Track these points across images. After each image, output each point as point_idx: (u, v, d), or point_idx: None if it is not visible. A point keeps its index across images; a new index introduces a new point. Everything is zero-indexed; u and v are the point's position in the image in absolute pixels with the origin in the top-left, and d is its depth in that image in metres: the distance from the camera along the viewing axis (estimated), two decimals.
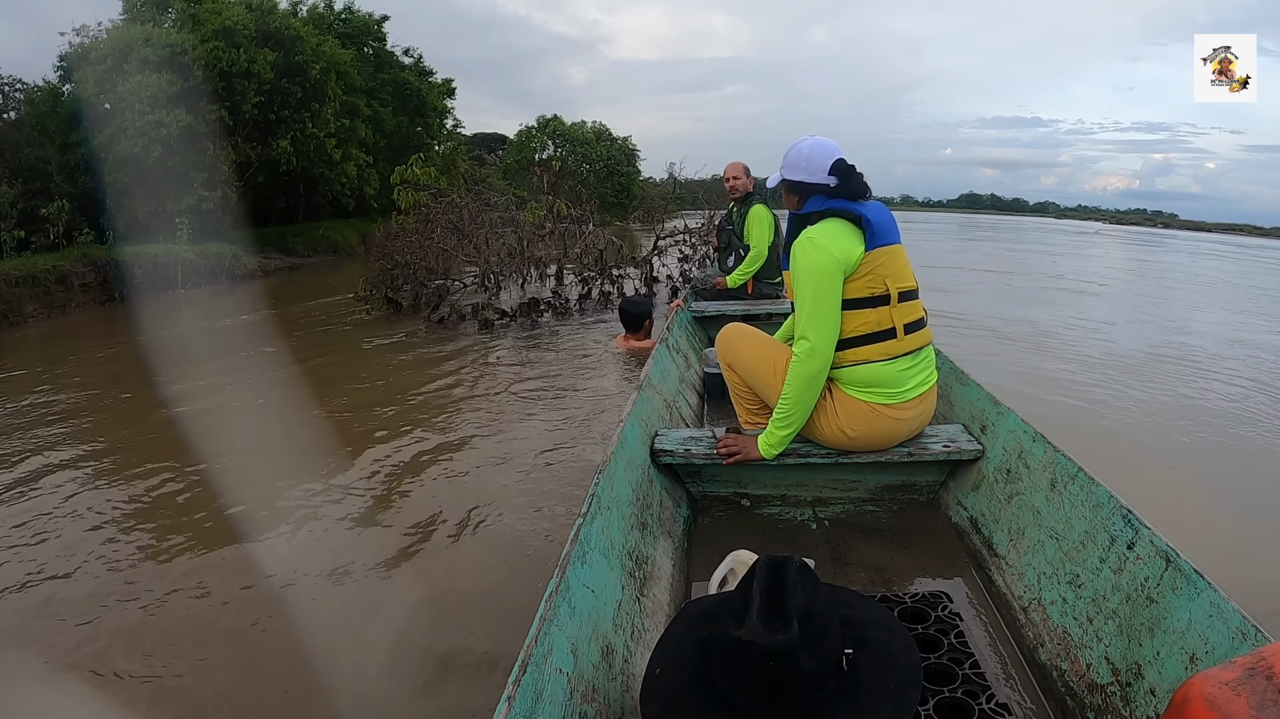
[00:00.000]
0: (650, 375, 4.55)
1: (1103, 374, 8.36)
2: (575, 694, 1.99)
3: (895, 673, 1.76)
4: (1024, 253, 32.04)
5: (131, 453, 5.85)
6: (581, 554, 2.42)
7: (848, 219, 3.39)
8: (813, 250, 3.34)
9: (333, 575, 3.93)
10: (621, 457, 3.28)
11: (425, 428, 6.23)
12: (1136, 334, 11.49)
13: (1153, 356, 9.57)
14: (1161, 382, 8.14)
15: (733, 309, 7.56)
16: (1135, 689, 2.12)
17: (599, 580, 2.48)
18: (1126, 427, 6.44)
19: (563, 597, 2.16)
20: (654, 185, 42.39)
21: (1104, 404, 7.10)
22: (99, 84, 19.71)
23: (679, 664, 1.87)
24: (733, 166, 8.24)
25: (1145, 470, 5.48)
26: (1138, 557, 2.34)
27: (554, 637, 2.00)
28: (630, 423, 3.62)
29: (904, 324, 3.42)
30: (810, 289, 3.34)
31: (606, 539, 2.70)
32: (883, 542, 3.44)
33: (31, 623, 3.63)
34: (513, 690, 1.72)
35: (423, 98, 34.96)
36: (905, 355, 3.45)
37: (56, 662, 3.32)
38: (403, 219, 12.59)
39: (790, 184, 3.66)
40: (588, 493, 2.75)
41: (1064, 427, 4.54)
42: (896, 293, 3.39)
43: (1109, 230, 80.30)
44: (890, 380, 3.43)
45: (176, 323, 13.03)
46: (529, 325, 10.61)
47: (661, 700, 1.82)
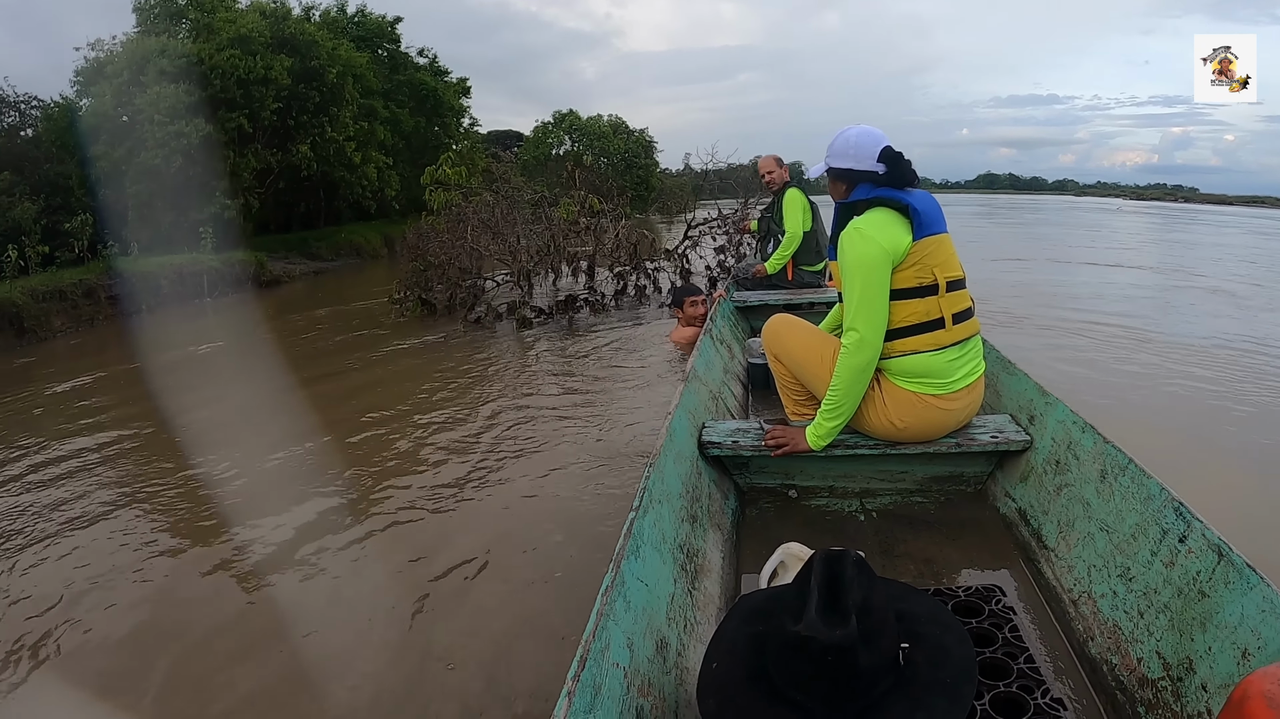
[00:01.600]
0: (696, 367, 4.57)
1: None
2: (632, 688, 1.99)
3: (950, 668, 1.76)
4: (1077, 234, 31.29)
5: (164, 466, 5.78)
6: (635, 548, 2.43)
7: (895, 208, 3.36)
8: (860, 241, 3.32)
9: (404, 567, 4.08)
10: (670, 449, 3.30)
11: (477, 428, 6.22)
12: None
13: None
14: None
15: (775, 298, 7.56)
16: (1186, 684, 2.08)
17: (652, 574, 2.49)
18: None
19: (618, 591, 2.16)
20: (672, 177, 42.32)
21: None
22: (116, 97, 19.66)
23: (734, 659, 1.88)
24: (765, 161, 8.22)
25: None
26: (1189, 550, 2.30)
27: (610, 631, 2.01)
28: (678, 415, 3.62)
29: (952, 313, 3.39)
30: (859, 280, 3.31)
31: (658, 532, 2.71)
32: (931, 533, 3.42)
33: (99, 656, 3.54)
34: (572, 686, 1.72)
35: (439, 98, 34.91)
36: (953, 345, 3.42)
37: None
38: (433, 219, 12.49)
39: (838, 172, 3.62)
40: (639, 486, 2.76)
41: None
42: (945, 282, 3.36)
43: (1130, 206, 79.65)
44: (939, 371, 3.41)
45: (206, 332, 12.91)
46: (566, 322, 10.52)
47: (718, 695, 1.82)
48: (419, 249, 12.28)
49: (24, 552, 4.53)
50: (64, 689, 3.32)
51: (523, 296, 11.18)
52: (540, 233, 12.26)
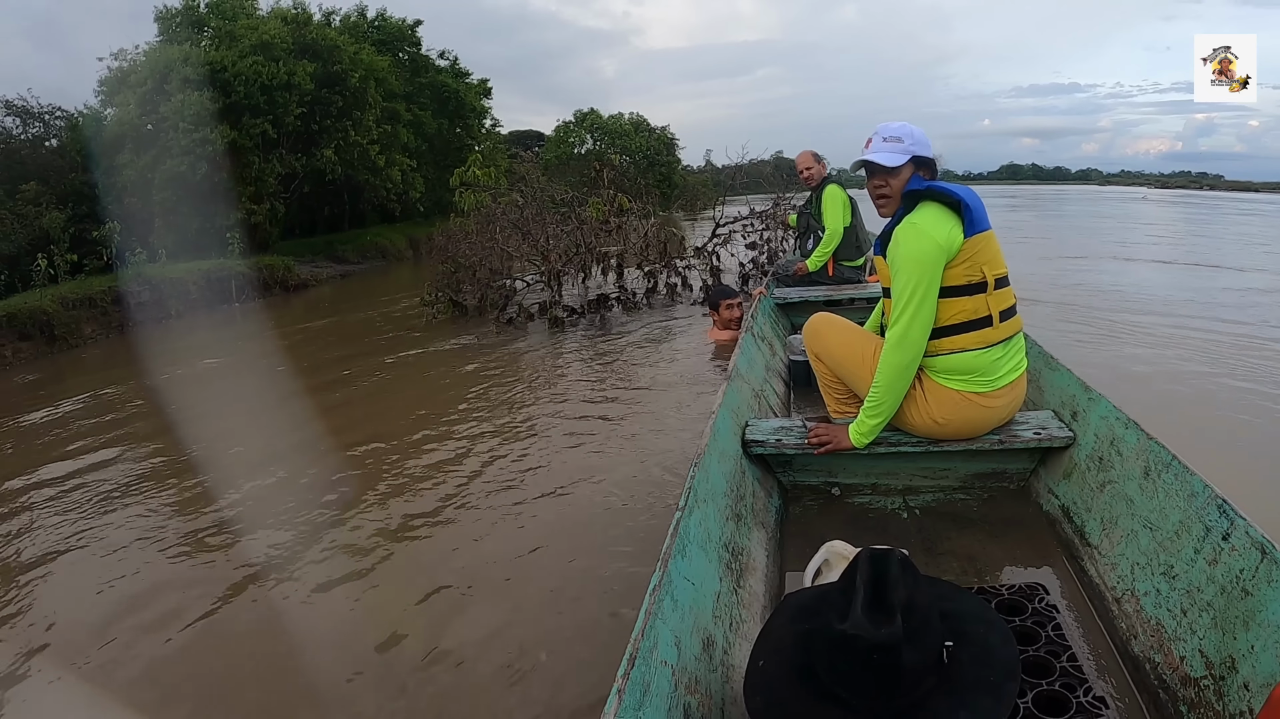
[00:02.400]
0: (738, 365, 4.60)
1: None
2: (679, 686, 2.01)
3: (994, 666, 1.77)
4: (1121, 226, 30.32)
5: (205, 473, 5.72)
6: (681, 547, 2.45)
7: (946, 204, 3.33)
8: (917, 237, 3.27)
9: (455, 567, 4.05)
10: (715, 448, 3.31)
11: (516, 428, 6.19)
12: None
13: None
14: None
15: (815, 294, 7.56)
16: (1229, 683, 2.07)
17: (698, 573, 2.51)
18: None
19: (665, 590, 2.19)
20: (693, 174, 42.19)
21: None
22: (140, 106, 19.79)
23: (781, 657, 1.88)
24: (802, 157, 8.15)
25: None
26: (1233, 548, 2.28)
27: (659, 630, 2.04)
28: (721, 414, 3.65)
29: (999, 311, 3.36)
30: (912, 277, 3.27)
31: (704, 532, 2.73)
32: (974, 530, 3.43)
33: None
34: (622, 684, 1.74)
35: (461, 99, 34.98)
36: (999, 344, 3.40)
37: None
38: (461, 221, 12.48)
39: (922, 160, 3.49)
40: (684, 486, 2.79)
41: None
42: (993, 279, 3.33)
43: (1156, 195, 78.81)
44: (984, 369, 3.39)
45: (236, 337, 13.05)
46: (598, 321, 10.48)
47: (765, 693, 1.83)
48: (448, 251, 12.25)
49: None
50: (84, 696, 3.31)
51: (553, 296, 11.12)
52: (570, 233, 12.20)
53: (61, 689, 3.32)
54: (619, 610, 3.42)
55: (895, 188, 3.48)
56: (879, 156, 3.44)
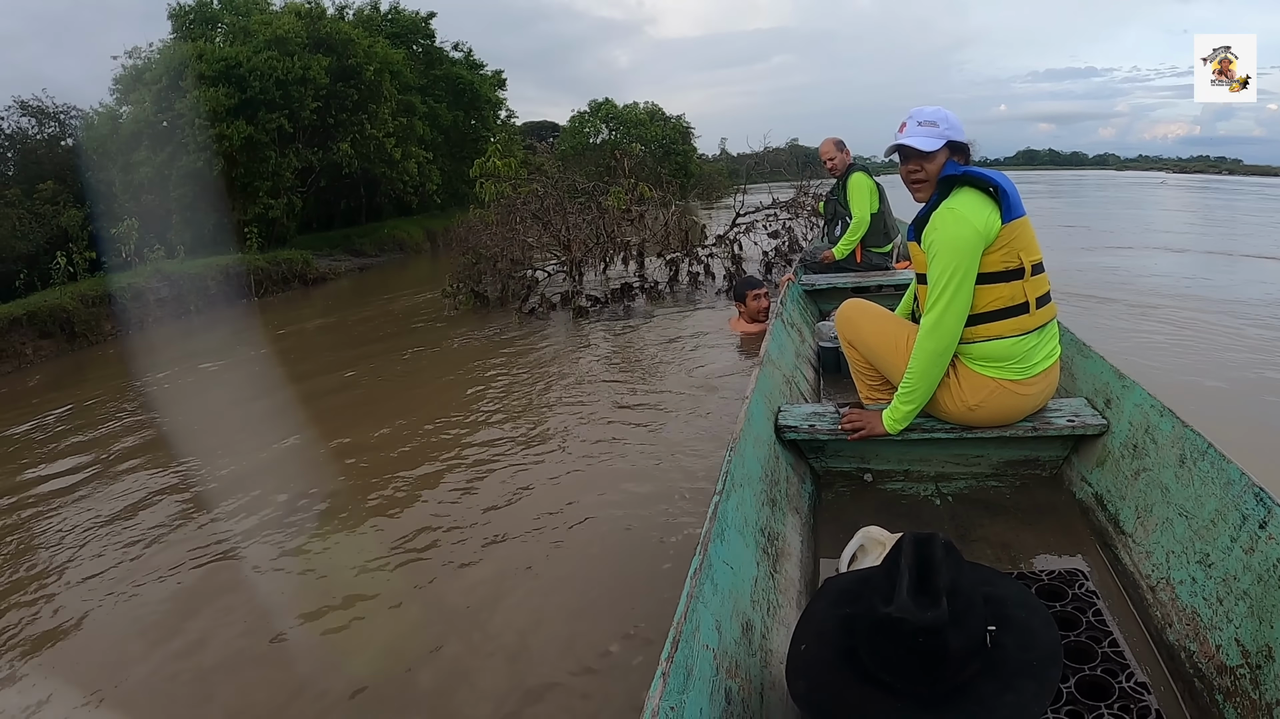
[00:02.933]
0: (769, 351, 4.61)
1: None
2: (720, 670, 2.02)
3: (1037, 651, 1.76)
4: (1156, 211, 29.60)
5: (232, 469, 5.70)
6: (720, 531, 2.46)
7: (982, 189, 3.31)
8: (955, 223, 3.26)
9: (492, 566, 4.03)
10: (750, 433, 3.32)
11: (550, 421, 6.12)
12: None
13: None
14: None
15: (843, 281, 7.53)
16: (1265, 672, 2.05)
17: (737, 557, 2.52)
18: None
19: (706, 574, 2.20)
20: (709, 162, 42.08)
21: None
22: (156, 103, 19.76)
23: (823, 641, 1.88)
24: (825, 146, 8.10)
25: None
26: (1270, 536, 2.26)
27: (700, 614, 2.05)
28: (755, 399, 3.67)
29: (1035, 298, 3.36)
30: (950, 263, 3.26)
31: (741, 516, 2.75)
32: (1007, 518, 3.43)
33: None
34: (666, 667, 1.75)
35: (476, 91, 34.88)
36: (1035, 330, 3.40)
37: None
38: (482, 212, 12.43)
39: (956, 145, 3.48)
40: (721, 470, 2.79)
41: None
42: (1030, 266, 3.32)
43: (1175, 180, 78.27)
44: (1019, 356, 3.39)
45: (256, 332, 13.00)
46: (622, 311, 10.38)
47: (808, 677, 1.82)
48: (469, 242, 12.23)
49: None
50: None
51: (575, 286, 11.06)
52: (590, 222, 12.12)
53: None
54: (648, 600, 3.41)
55: (930, 172, 3.45)
56: (915, 140, 3.41)
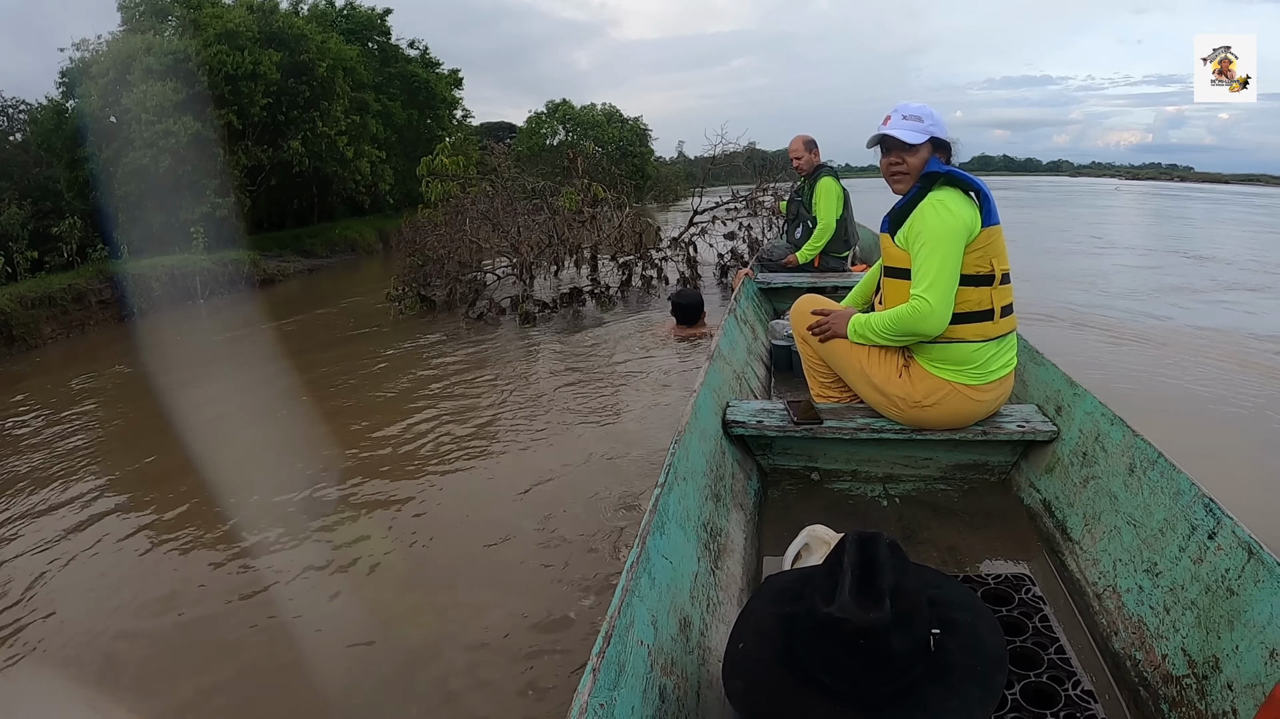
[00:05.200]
0: (720, 346, 4.62)
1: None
2: (655, 667, 1.98)
3: (982, 656, 1.73)
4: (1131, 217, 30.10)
5: (158, 477, 5.60)
6: (660, 525, 2.42)
7: (966, 191, 3.36)
8: (946, 213, 3.28)
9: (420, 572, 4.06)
10: (695, 427, 3.31)
11: (486, 427, 6.08)
12: None
13: None
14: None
15: (799, 281, 7.50)
16: (1212, 683, 2.07)
17: (676, 552, 2.49)
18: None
19: (643, 567, 2.16)
20: (666, 165, 42.08)
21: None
22: (103, 97, 19.34)
23: (762, 640, 1.83)
24: (794, 144, 8.00)
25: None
26: (1219, 547, 2.29)
27: (635, 608, 2.00)
28: (703, 393, 3.65)
29: (1001, 306, 3.42)
30: (939, 251, 3.27)
31: (683, 510, 2.71)
32: (954, 521, 3.45)
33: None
34: (597, 663, 1.71)
35: (431, 90, 34.57)
36: (996, 339, 3.46)
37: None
38: (429, 212, 12.15)
39: (939, 142, 3.52)
40: (664, 463, 2.76)
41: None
42: (1000, 274, 3.38)
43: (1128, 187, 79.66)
44: (978, 362, 3.45)
45: (198, 335, 12.74)
46: (571, 316, 10.25)
47: (745, 676, 1.78)
48: (416, 243, 12.00)
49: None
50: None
51: (525, 290, 10.88)
52: (542, 223, 11.94)
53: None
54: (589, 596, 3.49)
55: (912, 166, 3.49)
56: (900, 132, 3.45)
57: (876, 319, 3.50)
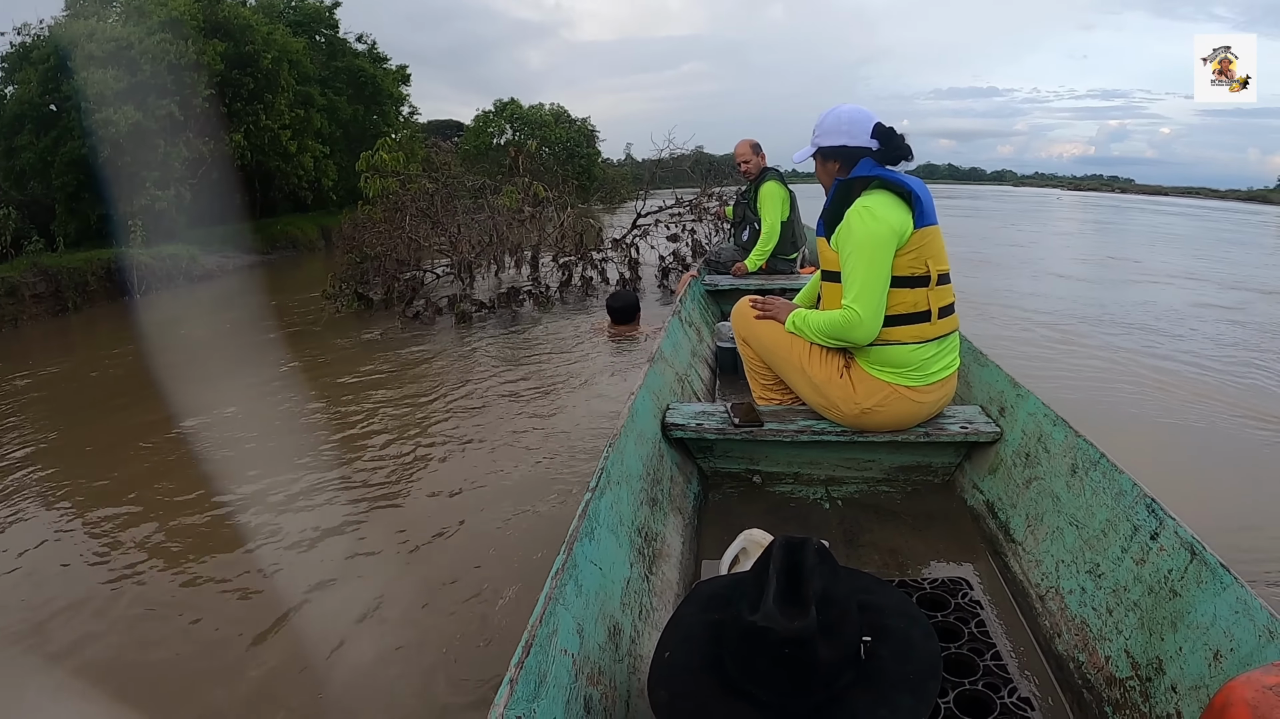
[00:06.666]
0: (662, 348, 4.60)
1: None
2: (580, 676, 1.94)
3: (915, 663, 1.70)
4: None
5: (101, 477, 5.44)
6: (590, 530, 2.39)
7: (898, 193, 3.32)
8: (871, 219, 3.26)
9: (331, 571, 3.95)
10: (632, 430, 3.29)
11: (413, 432, 5.94)
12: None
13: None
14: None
15: (746, 283, 7.49)
16: (1155, 685, 2.07)
17: (607, 558, 2.45)
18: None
19: (569, 574, 2.13)
20: (614, 166, 42.15)
21: None
22: (43, 84, 19.11)
23: (690, 648, 1.80)
24: (740, 148, 8.01)
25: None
26: (1161, 548, 2.30)
27: (559, 616, 1.97)
28: (641, 396, 3.63)
29: (939, 307, 3.41)
30: (865, 259, 3.28)
31: (615, 515, 2.68)
32: (897, 523, 3.45)
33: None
34: (515, 673, 1.68)
35: (378, 85, 34.10)
36: (935, 340, 3.44)
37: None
38: (369, 209, 12.02)
39: (831, 150, 3.56)
40: (598, 466, 2.73)
41: None
42: (936, 275, 3.37)
43: (1070, 197, 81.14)
44: (917, 363, 3.42)
45: (132, 332, 12.36)
46: (509, 317, 10.21)
47: (670, 686, 1.74)
48: (355, 240, 11.87)
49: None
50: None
51: (464, 289, 10.82)
52: (482, 222, 11.88)
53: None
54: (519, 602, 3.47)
55: (822, 178, 3.65)
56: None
57: (814, 318, 3.51)
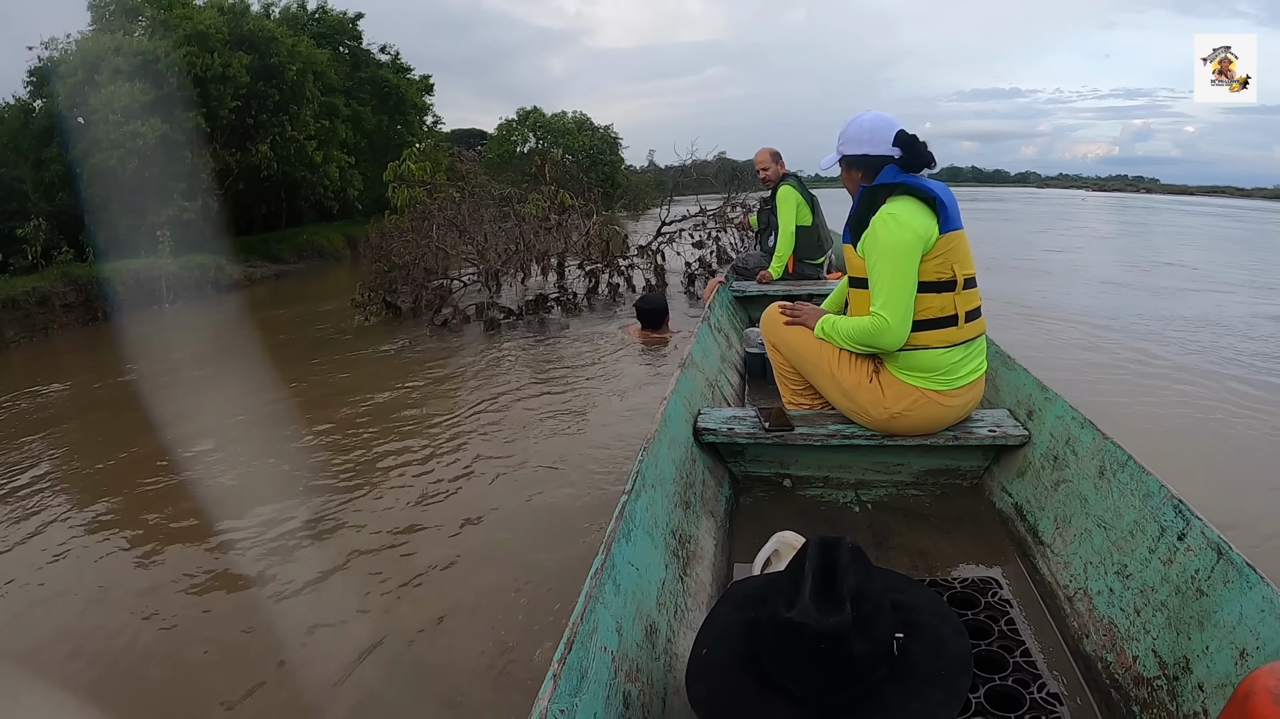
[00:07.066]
0: (693, 354, 4.64)
1: None
2: (619, 673, 1.98)
3: (946, 659, 1.72)
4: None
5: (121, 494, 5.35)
6: (626, 531, 2.43)
7: (922, 199, 3.36)
8: (896, 227, 3.30)
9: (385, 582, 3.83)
10: (665, 434, 3.32)
11: (453, 439, 5.85)
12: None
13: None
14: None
15: (774, 289, 7.53)
16: (1182, 684, 2.08)
17: (643, 558, 2.49)
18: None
19: (608, 574, 2.17)
20: (637, 173, 42.22)
21: None
22: (70, 97, 19.18)
23: (725, 645, 1.83)
24: (760, 155, 8.10)
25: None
26: (1188, 548, 2.30)
27: (599, 614, 2.01)
28: (674, 400, 3.67)
29: (965, 311, 3.44)
30: (890, 266, 3.32)
31: (650, 517, 2.72)
32: (926, 526, 3.47)
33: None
34: (558, 669, 1.71)
35: (402, 95, 34.29)
36: (962, 344, 3.47)
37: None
38: (397, 218, 12.09)
39: (854, 159, 3.63)
40: (632, 470, 2.77)
41: None
42: (962, 279, 3.40)
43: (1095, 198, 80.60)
44: (945, 368, 3.45)
45: (162, 340, 12.53)
46: (537, 324, 10.19)
47: (708, 681, 1.78)
48: (382, 249, 11.90)
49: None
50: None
51: (491, 297, 10.84)
52: (509, 230, 11.91)
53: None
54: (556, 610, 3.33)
55: (848, 185, 3.70)
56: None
57: (843, 324, 3.54)
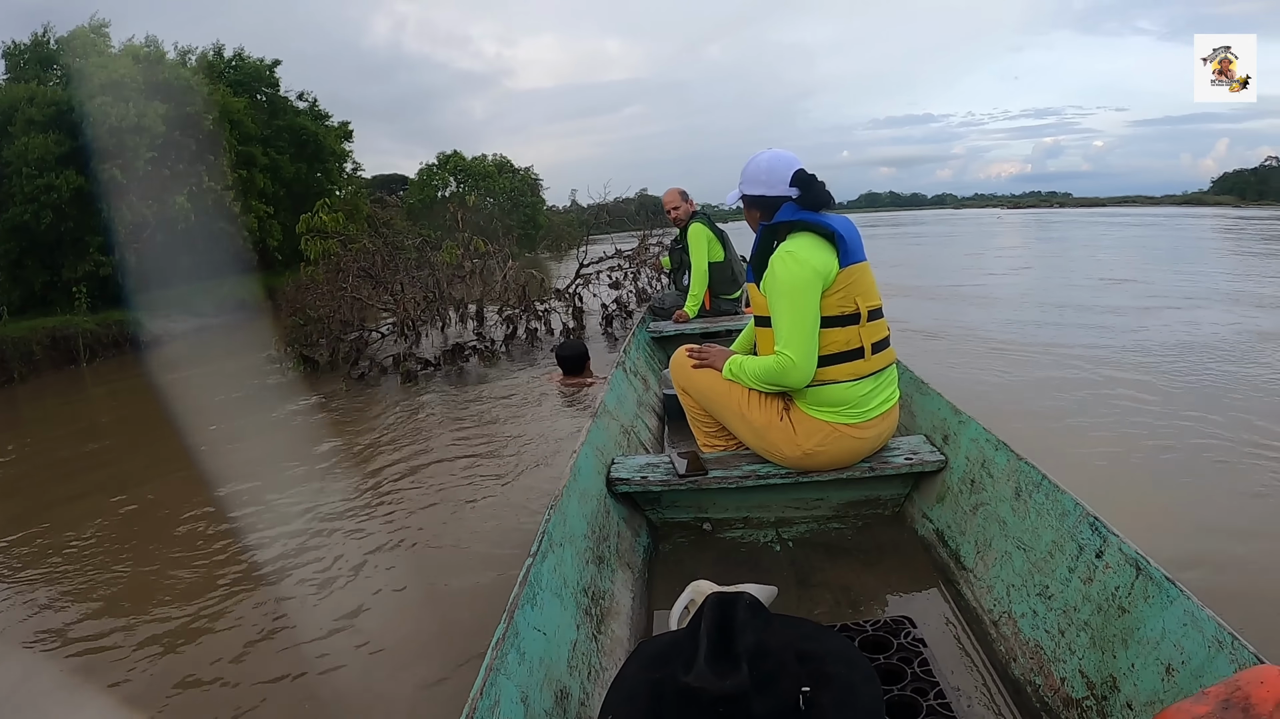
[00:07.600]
0: (606, 402, 4.61)
1: None
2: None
3: (856, 709, 1.70)
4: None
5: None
6: (531, 596, 2.37)
7: (820, 234, 3.37)
8: (794, 264, 3.30)
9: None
10: (575, 489, 3.26)
11: (357, 498, 5.77)
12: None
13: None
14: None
15: (691, 328, 7.56)
16: (1111, 703, 2.08)
17: (551, 622, 2.42)
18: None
19: (510, 643, 2.10)
20: (559, 214, 42.42)
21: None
22: None
23: (633, 708, 1.80)
24: (668, 196, 8.16)
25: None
26: (1107, 565, 2.32)
27: (501, 686, 1.95)
28: (584, 453, 3.60)
29: (871, 343, 3.42)
30: (790, 303, 3.32)
31: (559, 578, 2.66)
32: (849, 560, 3.45)
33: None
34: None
35: (320, 142, 33.61)
36: (870, 376, 3.44)
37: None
38: (312, 270, 12.10)
39: (751, 199, 3.67)
40: (538, 530, 2.71)
41: None
42: (866, 311, 3.38)
43: (1010, 215, 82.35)
44: (854, 401, 3.43)
45: (76, 405, 12.38)
46: (455, 373, 10.17)
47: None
48: (298, 302, 11.86)
49: None
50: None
51: (408, 348, 10.83)
52: (425, 279, 11.91)
53: None
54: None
55: (749, 221, 3.78)
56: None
57: (750, 364, 3.54)
